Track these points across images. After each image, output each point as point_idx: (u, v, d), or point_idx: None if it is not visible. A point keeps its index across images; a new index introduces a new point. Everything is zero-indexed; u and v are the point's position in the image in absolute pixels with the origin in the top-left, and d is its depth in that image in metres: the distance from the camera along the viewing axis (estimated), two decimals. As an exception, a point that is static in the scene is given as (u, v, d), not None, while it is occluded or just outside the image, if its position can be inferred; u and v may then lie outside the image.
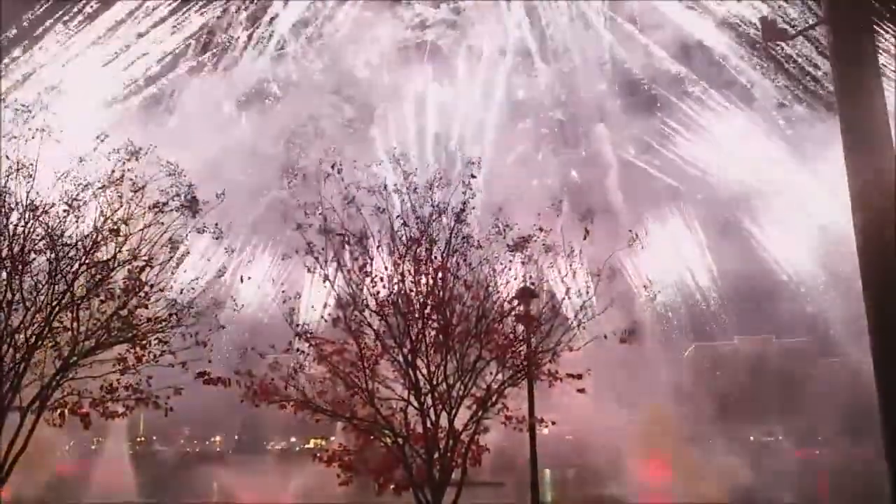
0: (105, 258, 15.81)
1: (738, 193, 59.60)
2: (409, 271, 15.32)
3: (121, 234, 15.82)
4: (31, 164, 15.70)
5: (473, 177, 15.93)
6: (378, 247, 15.35)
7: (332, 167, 15.60)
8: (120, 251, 15.89)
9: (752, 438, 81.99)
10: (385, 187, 15.76)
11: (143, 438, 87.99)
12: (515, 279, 15.83)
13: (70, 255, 15.63)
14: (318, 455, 15.63)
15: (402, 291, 15.22)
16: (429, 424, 15.02)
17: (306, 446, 75.60)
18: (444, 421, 15.10)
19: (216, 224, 16.36)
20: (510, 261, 15.74)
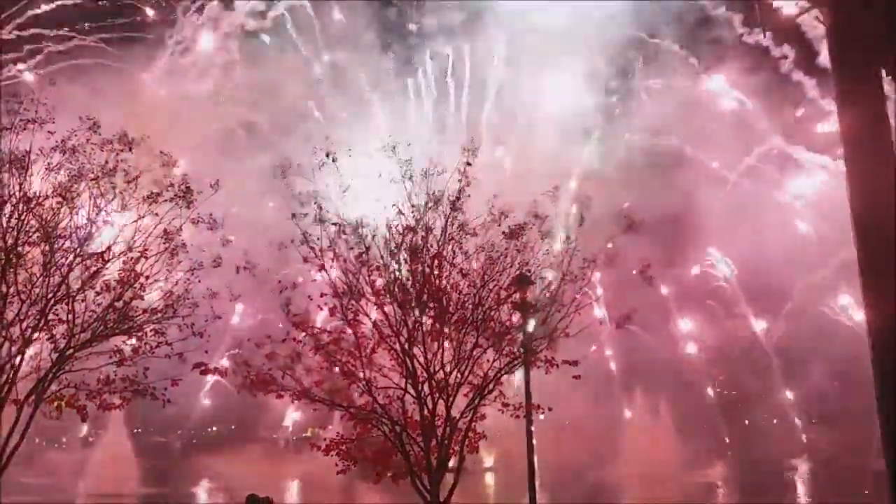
0: (99, 250, 15.77)
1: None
2: (405, 260, 15.28)
3: (115, 225, 15.77)
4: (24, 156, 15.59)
5: (469, 164, 15.80)
6: (374, 236, 15.28)
7: (328, 156, 15.49)
8: (115, 243, 15.85)
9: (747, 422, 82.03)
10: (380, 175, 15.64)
11: (139, 430, 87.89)
12: (511, 266, 15.77)
13: (64, 246, 15.57)
14: (317, 444, 15.67)
15: (399, 280, 15.19)
16: (426, 412, 15.07)
17: (304, 435, 75.82)
18: (441, 409, 15.15)
19: (210, 214, 16.26)
20: (506, 248, 15.69)
